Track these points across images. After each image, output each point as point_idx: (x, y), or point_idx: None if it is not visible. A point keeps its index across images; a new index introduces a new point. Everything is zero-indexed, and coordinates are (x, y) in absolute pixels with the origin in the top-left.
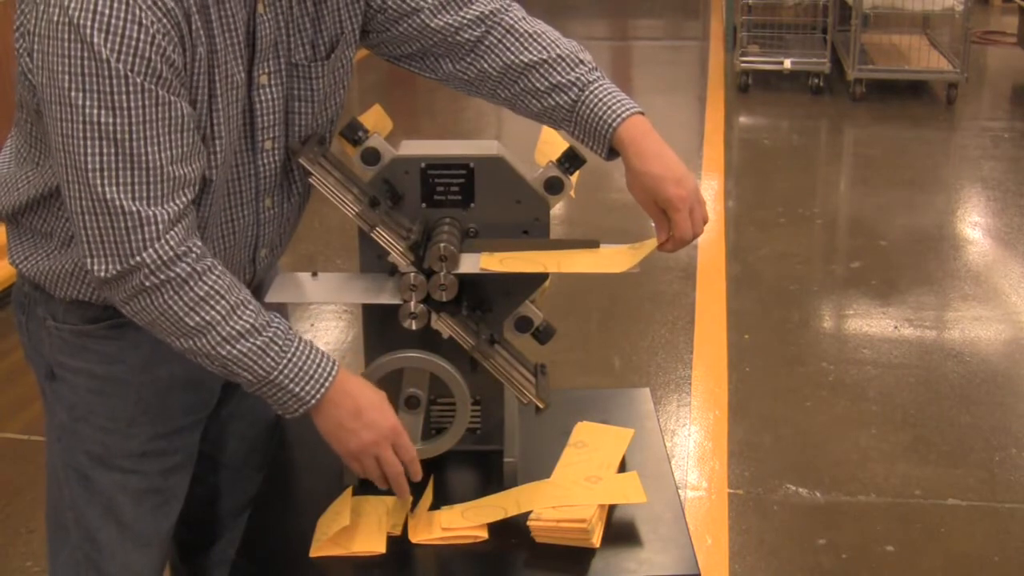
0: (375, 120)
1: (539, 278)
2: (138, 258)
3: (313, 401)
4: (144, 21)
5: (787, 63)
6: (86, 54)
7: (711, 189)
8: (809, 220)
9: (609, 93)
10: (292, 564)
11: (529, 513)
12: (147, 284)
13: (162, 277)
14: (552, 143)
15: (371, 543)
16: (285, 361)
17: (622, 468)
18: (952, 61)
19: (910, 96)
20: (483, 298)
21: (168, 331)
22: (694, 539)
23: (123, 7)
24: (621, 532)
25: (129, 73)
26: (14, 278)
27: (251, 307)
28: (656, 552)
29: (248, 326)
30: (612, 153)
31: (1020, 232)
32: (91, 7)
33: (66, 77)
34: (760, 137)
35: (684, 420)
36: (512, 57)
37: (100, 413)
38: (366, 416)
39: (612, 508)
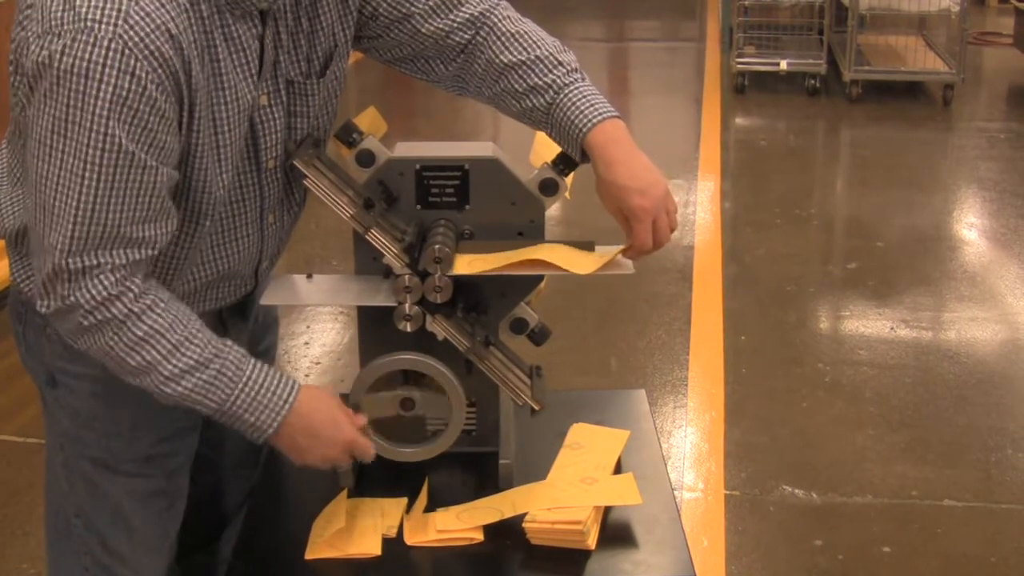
0: (370, 122)
1: (534, 279)
2: (72, 299)
3: (271, 430)
4: (138, 71)
5: (783, 64)
6: (72, 102)
7: (707, 190)
8: (806, 221)
9: (583, 97)
10: (288, 566)
11: (525, 515)
12: (85, 324)
13: (99, 318)
14: (547, 144)
15: (366, 545)
16: (236, 393)
17: (618, 470)
18: (948, 62)
19: (906, 97)
20: (478, 300)
21: (116, 370)
22: (690, 540)
23: (118, 56)
24: (617, 534)
25: (116, 129)
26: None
27: (196, 342)
28: (652, 554)
29: (192, 362)
30: (586, 157)
31: (1016, 233)
32: (86, 55)
33: (51, 121)
34: (756, 138)
35: (680, 421)
36: (493, 57)
37: (104, 418)
38: (322, 434)
39: (608, 510)
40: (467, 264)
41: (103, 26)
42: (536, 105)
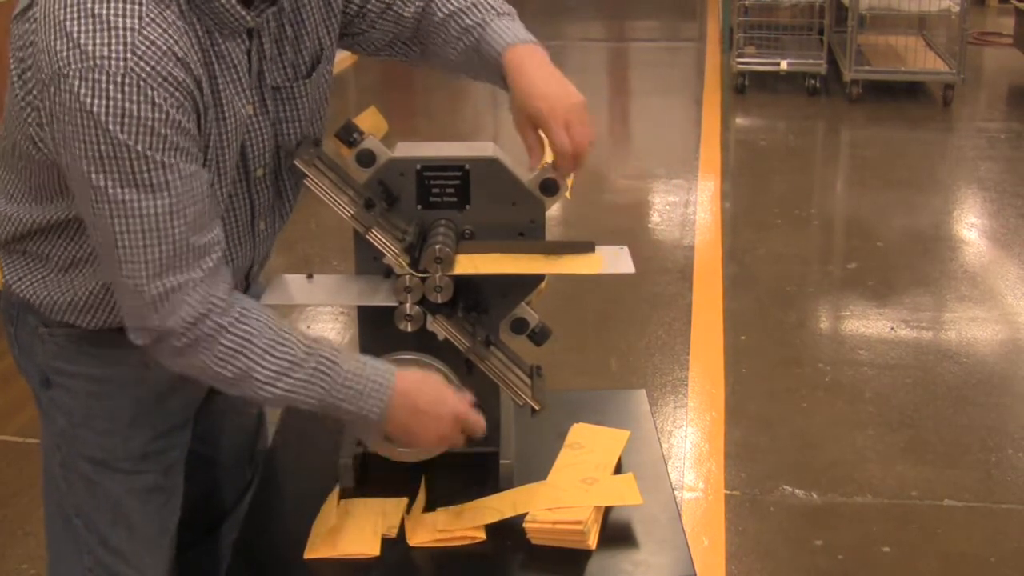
0: (370, 122)
1: (535, 279)
2: (165, 327)
3: (377, 416)
4: (157, 99)
5: (783, 64)
6: (103, 139)
7: (707, 190)
8: (806, 221)
9: (506, 28)
10: (286, 566)
11: (525, 515)
12: (179, 346)
13: (192, 337)
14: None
15: (366, 545)
16: (337, 386)
17: (618, 470)
18: (948, 62)
19: (906, 97)
20: (479, 300)
21: (217, 385)
22: (690, 541)
23: (135, 89)
24: (617, 534)
25: (148, 152)
26: None
27: (287, 343)
28: (652, 554)
29: (287, 363)
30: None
31: (1016, 233)
32: (104, 93)
33: (85, 161)
34: (757, 138)
35: (681, 421)
36: (435, 11)
37: (100, 416)
38: (429, 412)
39: (608, 510)
40: (468, 264)
41: (112, 62)
42: (467, 45)
